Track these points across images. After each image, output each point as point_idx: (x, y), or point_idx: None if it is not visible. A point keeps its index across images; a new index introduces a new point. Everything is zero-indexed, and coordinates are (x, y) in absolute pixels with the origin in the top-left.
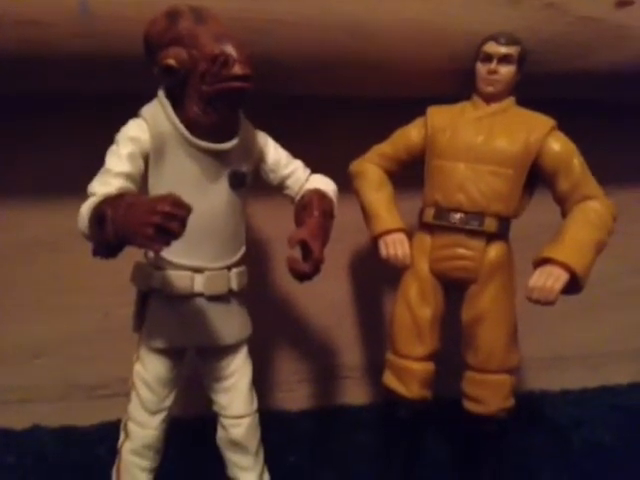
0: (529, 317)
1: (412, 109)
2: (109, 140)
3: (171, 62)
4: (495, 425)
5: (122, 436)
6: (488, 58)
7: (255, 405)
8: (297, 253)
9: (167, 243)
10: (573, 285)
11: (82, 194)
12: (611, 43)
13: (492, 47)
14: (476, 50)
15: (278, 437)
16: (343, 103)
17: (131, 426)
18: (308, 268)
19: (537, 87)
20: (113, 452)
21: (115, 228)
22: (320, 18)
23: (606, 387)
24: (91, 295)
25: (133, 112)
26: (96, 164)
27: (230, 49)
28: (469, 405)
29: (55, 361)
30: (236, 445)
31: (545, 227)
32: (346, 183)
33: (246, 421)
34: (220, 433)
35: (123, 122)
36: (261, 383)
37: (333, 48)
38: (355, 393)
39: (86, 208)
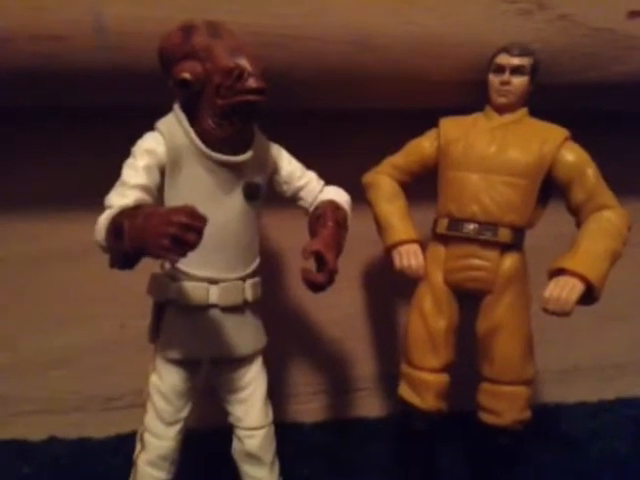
0: (544, 329)
1: (425, 121)
2: (124, 152)
3: (186, 76)
4: (510, 437)
5: (138, 447)
6: (500, 69)
7: (270, 417)
8: (311, 264)
9: (183, 254)
10: (588, 296)
11: (97, 205)
12: (623, 54)
13: (504, 58)
14: (489, 61)
15: (292, 449)
16: (356, 116)
17: (147, 437)
18: (322, 279)
19: (550, 98)
20: (129, 463)
21: (132, 239)
22: (332, 32)
23: (622, 399)
24: (107, 307)
25: (148, 125)
26: (111, 176)
27: (244, 63)
28: (484, 417)
29: (71, 373)
30: (251, 457)
31: (560, 238)
32: (359, 195)
33: (261, 433)
34: (235, 445)
35: (138, 135)
36: (275, 395)
37: (344, 61)
38: (369, 405)
39: (103, 220)
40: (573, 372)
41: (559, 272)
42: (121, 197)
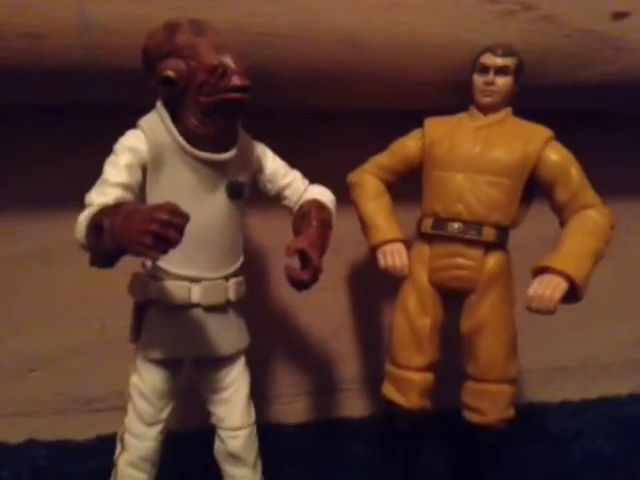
0: (528, 328)
1: (410, 121)
2: (106, 152)
3: (169, 73)
4: (494, 436)
5: (118, 448)
6: (485, 69)
7: (253, 416)
8: (295, 262)
9: (164, 251)
10: (572, 294)
11: (78, 206)
12: (608, 55)
13: (489, 58)
14: (473, 61)
15: (276, 450)
16: (341, 115)
17: (127, 438)
18: (306, 276)
19: (534, 99)
20: (109, 466)
21: (112, 237)
22: (317, 30)
23: (606, 398)
24: (88, 307)
25: (131, 124)
26: (93, 176)
27: (228, 60)
28: (469, 415)
29: (51, 374)
30: (234, 457)
31: (543, 238)
32: (344, 194)
33: (244, 433)
34: (217, 445)
35: (121, 134)
36: (259, 396)
37: (330, 60)
38: (353, 406)
39: (83, 218)
40: (558, 372)
41: (543, 271)
42: (102, 195)
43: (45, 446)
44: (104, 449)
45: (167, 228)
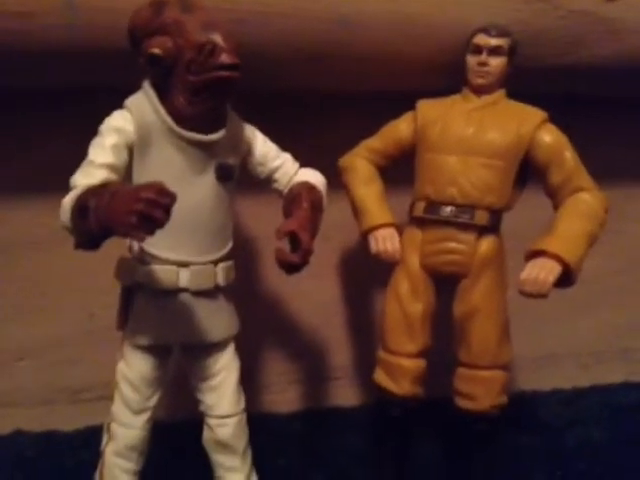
0: (520, 316)
1: (403, 103)
2: (94, 135)
3: (156, 51)
4: (487, 424)
5: (105, 438)
6: (478, 50)
7: (242, 404)
8: (286, 245)
9: (151, 232)
10: (566, 278)
11: (65, 192)
12: (602, 37)
13: (482, 39)
14: (466, 42)
15: (267, 440)
16: (333, 97)
17: (114, 427)
18: (297, 259)
19: (527, 81)
20: (98, 457)
21: (98, 217)
22: (308, 9)
23: (598, 386)
24: (75, 296)
25: (118, 105)
26: (80, 160)
27: (217, 38)
28: (461, 402)
29: (38, 364)
30: (223, 446)
31: (537, 223)
32: (335, 179)
33: (233, 421)
34: (206, 434)
35: (107, 115)
36: (249, 385)
37: (321, 40)
38: (345, 394)
39: (68, 199)
40: (549, 359)
41: (536, 254)
42: (87, 177)
43: (32, 437)
44: (93, 440)
45: (153, 208)
